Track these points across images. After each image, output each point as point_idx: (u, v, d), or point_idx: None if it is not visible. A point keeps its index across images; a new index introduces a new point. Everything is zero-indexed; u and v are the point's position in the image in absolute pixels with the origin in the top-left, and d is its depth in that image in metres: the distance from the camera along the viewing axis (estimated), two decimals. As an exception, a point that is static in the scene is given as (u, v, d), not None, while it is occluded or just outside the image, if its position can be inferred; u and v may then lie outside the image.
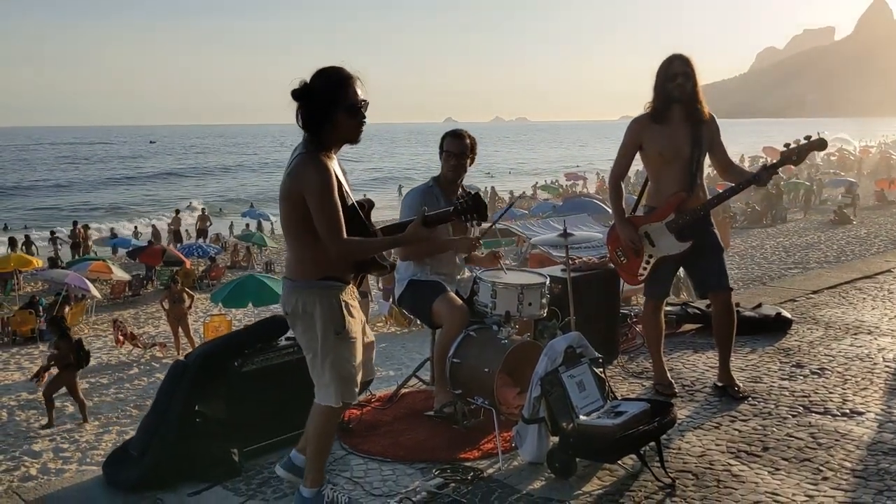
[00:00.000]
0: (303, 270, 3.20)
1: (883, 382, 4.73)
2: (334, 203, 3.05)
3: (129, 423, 10.07)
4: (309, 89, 3.06)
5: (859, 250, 20.20)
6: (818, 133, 4.31)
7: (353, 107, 3.09)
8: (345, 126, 3.12)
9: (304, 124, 3.10)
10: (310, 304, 3.17)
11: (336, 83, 3.08)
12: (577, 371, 3.73)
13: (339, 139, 3.17)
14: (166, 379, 3.91)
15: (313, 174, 3.03)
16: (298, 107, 3.08)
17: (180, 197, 53.86)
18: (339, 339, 3.18)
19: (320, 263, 3.16)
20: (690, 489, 3.44)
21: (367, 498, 3.50)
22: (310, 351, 3.24)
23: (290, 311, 3.25)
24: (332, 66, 3.12)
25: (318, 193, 3.02)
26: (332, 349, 3.18)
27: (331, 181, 3.04)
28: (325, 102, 3.06)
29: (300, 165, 3.08)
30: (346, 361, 3.21)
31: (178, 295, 15.75)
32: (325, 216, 3.03)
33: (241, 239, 30.24)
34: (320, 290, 3.18)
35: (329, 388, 3.22)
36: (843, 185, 35.13)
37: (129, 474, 3.67)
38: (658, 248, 4.54)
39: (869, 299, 6.97)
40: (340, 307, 3.19)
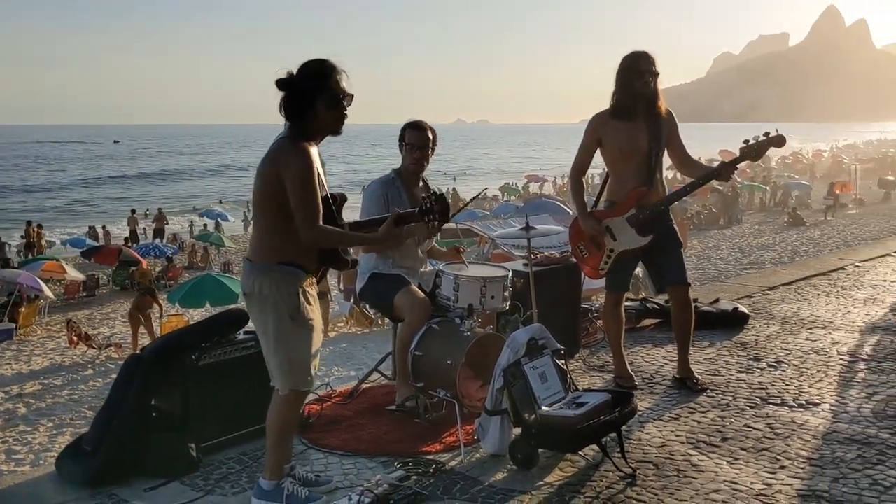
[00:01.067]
0: (265, 253, 3.18)
1: (837, 375, 4.81)
2: (314, 189, 3.05)
3: (83, 425, 9.86)
4: (292, 79, 3.09)
5: (813, 251, 20.61)
6: (776, 130, 4.37)
7: (334, 97, 3.12)
8: (325, 116, 3.14)
9: (286, 113, 3.11)
10: (266, 287, 3.15)
11: (318, 73, 3.11)
12: (540, 362, 3.73)
13: (320, 130, 3.18)
14: (121, 373, 3.82)
15: (294, 158, 3.03)
16: (283, 96, 3.10)
17: (138, 197, 52.97)
18: (294, 324, 3.16)
19: (283, 248, 3.14)
20: (651, 479, 3.46)
21: (325, 492, 3.45)
22: (263, 334, 3.23)
23: (247, 292, 3.23)
24: (317, 59, 3.16)
25: (298, 177, 3.02)
26: (285, 334, 3.17)
27: (311, 167, 3.05)
28: (307, 92, 3.09)
29: (281, 149, 3.08)
30: (299, 348, 3.19)
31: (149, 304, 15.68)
32: (304, 201, 3.03)
33: (199, 239, 29.87)
34: (279, 275, 3.15)
35: (280, 374, 3.20)
36: (792, 188, 35.84)
37: (82, 469, 3.57)
38: (619, 243, 4.57)
39: (823, 295, 7.10)
40: (297, 293, 3.17)
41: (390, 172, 4.63)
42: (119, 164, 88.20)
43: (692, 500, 3.25)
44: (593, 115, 4.62)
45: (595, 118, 4.59)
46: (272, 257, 3.17)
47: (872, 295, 7.04)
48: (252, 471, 3.66)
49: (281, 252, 3.15)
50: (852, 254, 10.05)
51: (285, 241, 3.13)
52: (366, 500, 3.18)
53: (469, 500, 3.32)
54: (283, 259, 3.16)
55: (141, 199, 49.80)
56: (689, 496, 3.28)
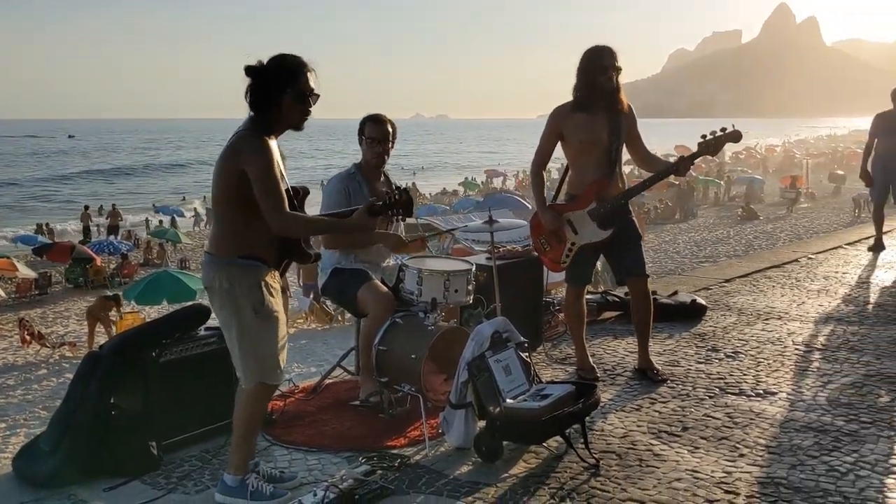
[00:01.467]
0: (225, 247, 3.17)
1: (793, 364, 4.92)
2: (275, 177, 3.04)
3: (38, 425, 9.63)
4: (263, 69, 3.08)
5: (766, 244, 20.97)
6: (732, 125, 4.44)
7: (303, 94, 3.12)
8: (290, 111, 3.13)
9: (251, 102, 3.09)
10: (227, 281, 3.13)
11: (291, 67, 3.10)
12: (504, 355, 3.75)
13: (283, 124, 3.17)
14: (79, 370, 3.74)
15: (256, 150, 3.02)
16: (249, 84, 3.08)
17: (93, 193, 51.84)
18: (258, 317, 3.15)
19: (243, 242, 3.13)
20: (614, 469, 3.50)
21: (289, 489, 3.43)
22: (226, 328, 3.21)
23: (208, 286, 3.21)
24: (290, 53, 3.15)
25: (260, 168, 3.01)
26: (249, 328, 3.15)
27: (272, 157, 3.04)
28: (276, 84, 3.07)
29: (241, 142, 3.06)
30: (265, 341, 3.18)
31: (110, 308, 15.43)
32: (269, 190, 3.02)
33: (155, 235, 29.39)
34: (240, 268, 3.14)
35: (246, 368, 3.19)
36: (746, 182, 36.44)
37: (40, 469, 3.49)
38: (580, 236, 4.60)
39: (778, 287, 7.24)
40: (260, 285, 3.15)
41: (351, 167, 4.60)
42: (73, 160, 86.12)
43: (655, 488, 3.29)
44: (554, 108, 4.65)
45: (556, 111, 4.61)
46: (232, 251, 3.15)
47: (825, 286, 7.20)
48: (214, 468, 3.62)
49: (241, 246, 3.14)
50: (805, 246, 10.27)
51: (245, 235, 3.12)
52: (331, 495, 3.16)
53: (434, 494, 3.33)
54: (243, 253, 3.14)
55: (96, 196, 48.66)
56: (651, 485, 3.32)
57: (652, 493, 3.26)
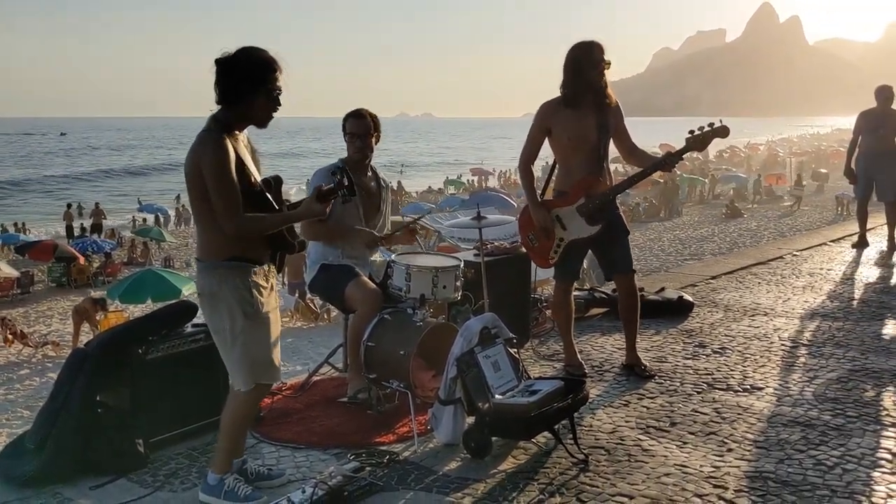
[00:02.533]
0: (209, 251, 3.13)
1: (780, 360, 4.94)
2: (228, 181, 2.96)
3: (20, 425, 9.55)
4: (235, 62, 3.01)
5: (751, 241, 21.09)
6: (720, 121, 4.44)
7: (273, 92, 3.06)
8: (259, 108, 3.07)
9: (221, 95, 3.03)
10: (216, 286, 3.10)
11: (263, 64, 3.04)
12: (493, 351, 3.74)
13: (247, 119, 3.12)
14: (65, 368, 3.70)
15: (209, 152, 2.96)
16: (218, 78, 3.01)
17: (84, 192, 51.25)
18: (248, 321, 3.11)
19: (226, 244, 3.07)
20: (603, 464, 3.50)
21: (277, 487, 3.41)
22: (217, 333, 3.17)
23: (199, 293, 3.19)
24: (260, 48, 3.08)
25: (211, 171, 2.95)
26: (241, 332, 3.11)
27: (225, 159, 2.96)
28: (248, 80, 3.01)
29: (198, 144, 3.01)
30: (259, 343, 3.15)
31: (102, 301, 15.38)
32: (219, 194, 2.96)
33: (139, 234, 29.20)
34: (226, 271, 3.09)
35: (240, 372, 3.15)
36: (734, 181, 36.64)
37: (25, 468, 3.44)
38: (569, 232, 4.60)
39: (764, 283, 7.28)
40: (249, 287, 3.11)
41: (337, 161, 4.59)
42: (64, 159, 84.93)
43: (643, 483, 3.30)
44: (542, 104, 4.64)
45: (544, 107, 4.60)
46: (217, 254, 3.11)
47: (810, 282, 7.25)
48: (202, 466, 3.59)
49: (224, 248, 3.08)
50: (790, 243, 10.33)
51: (226, 237, 3.05)
52: (319, 491, 3.14)
53: (423, 490, 3.32)
54: (228, 255, 3.09)
55: (82, 195, 48.06)
56: (640, 480, 3.33)
57: (641, 487, 3.26)
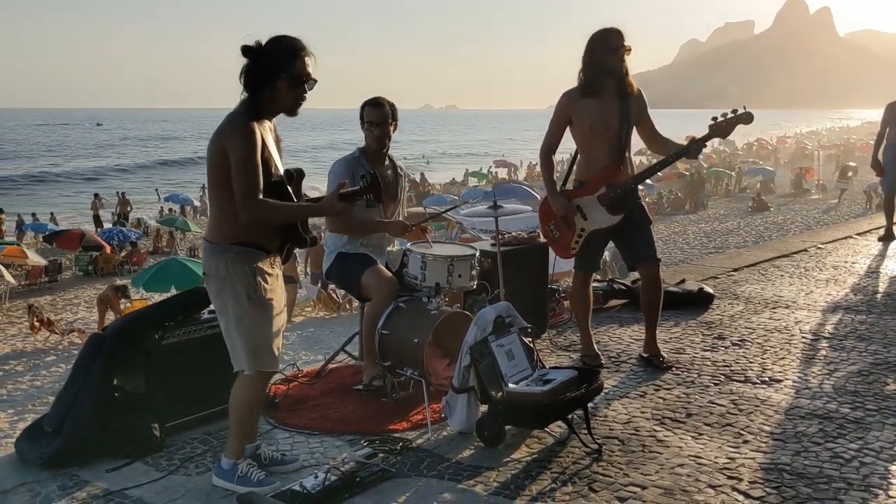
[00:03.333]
0: (220, 233, 3.15)
1: (800, 352, 4.88)
2: (253, 165, 2.98)
3: (45, 411, 9.66)
4: (260, 49, 3.03)
5: (776, 235, 20.87)
6: (744, 107, 4.38)
7: (298, 78, 3.06)
8: (284, 95, 3.08)
9: (245, 82, 3.04)
10: (223, 268, 3.12)
11: (287, 50, 3.05)
12: (507, 340, 3.73)
13: (275, 107, 3.12)
14: (83, 352, 3.75)
15: (238, 133, 2.98)
16: (245, 65, 3.03)
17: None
18: (252, 305, 3.12)
19: (238, 228, 3.08)
20: (617, 454, 3.48)
21: (291, 472, 3.43)
22: (221, 314, 3.20)
23: (205, 272, 3.21)
24: (289, 35, 3.09)
25: (237, 156, 2.97)
26: (244, 315, 3.13)
27: (252, 142, 2.98)
28: (272, 65, 3.02)
29: (227, 124, 3.03)
30: (260, 328, 3.15)
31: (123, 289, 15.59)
32: (242, 176, 2.97)
33: (164, 223, 29.44)
34: (235, 255, 3.11)
35: (240, 355, 3.17)
36: (760, 174, 36.24)
37: (43, 450, 3.50)
38: (590, 222, 4.57)
39: (787, 276, 7.20)
40: (254, 273, 3.12)
41: (355, 151, 4.58)
42: (96, 149, 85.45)
43: (657, 474, 3.28)
44: (563, 93, 4.60)
45: (565, 96, 4.56)
46: (227, 237, 3.12)
47: (834, 276, 7.15)
48: (217, 451, 3.61)
49: (236, 232, 3.10)
50: (815, 236, 10.21)
51: (239, 221, 3.05)
52: (332, 477, 3.16)
53: (436, 477, 3.32)
54: (238, 239, 3.11)
55: (114, 185, 48.27)
56: (654, 471, 3.31)
57: (654, 478, 3.24)
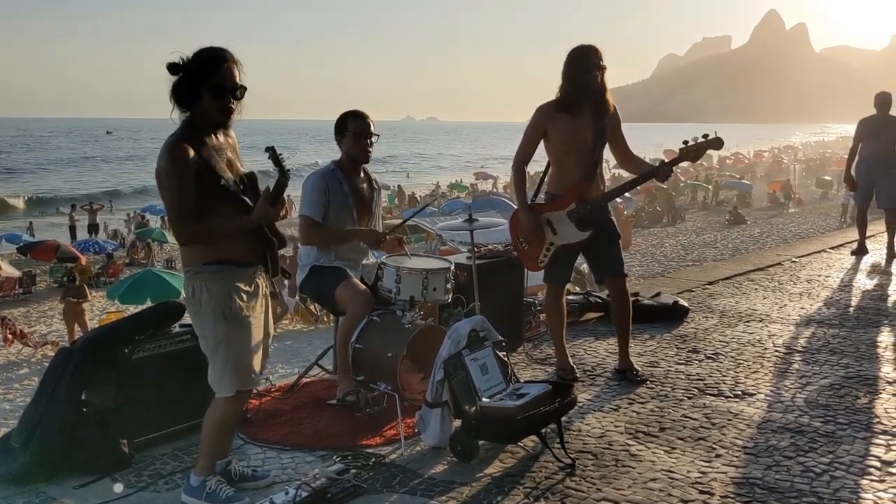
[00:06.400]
0: (189, 256, 3.13)
1: (773, 366, 4.91)
2: (178, 188, 2.94)
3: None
4: (183, 65, 2.99)
5: (753, 248, 21.03)
6: (714, 132, 4.42)
7: (219, 87, 3.00)
8: (209, 106, 3.03)
9: (175, 99, 3.01)
10: (197, 289, 3.09)
11: (207, 61, 3.01)
12: (481, 354, 3.72)
13: (208, 122, 3.07)
14: (51, 366, 3.70)
15: (160, 160, 2.96)
16: (173, 82, 3.00)
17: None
18: (229, 324, 3.09)
19: (206, 247, 3.06)
20: (590, 469, 3.48)
21: (262, 488, 3.40)
22: (202, 338, 3.16)
23: (184, 299, 3.20)
24: (211, 46, 3.05)
25: (162, 179, 2.96)
26: (223, 335, 3.09)
27: (173, 167, 2.93)
28: (194, 79, 2.99)
29: (160, 150, 3.00)
30: (239, 348, 3.11)
31: (78, 291, 15.27)
32: (167, 200, 2.97)
33: (141, 235, 29.17)
34: (207, 275, 3.08)
35: (223, 377, 3.12)
36: (738, 187, 36.55)
37: (9, 466, 3.44)
38: (559, 236, 4.59)
39: (761, 290, 7.25)
40: (228, 291, 3.09)
41: (330, 164, 4.56)
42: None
43: (630, 488, 3.27)
44: (539, 107, 4.61)
45: (541, 110, 4.58)
46: (197, 259, 3.10)
47: (808, 289, 7.21)
48: (187, 466, 3.57)
49: (204, 252, 3.08)
50: (789, 250, 10.30)
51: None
52: (303, 493, 3.14)
53: (408, 493, 3.30)
54: (210, 258, 3.08)
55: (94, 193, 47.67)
56: (626, 485, 3.30)
57: (627, 493, 3.24)
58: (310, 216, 4.39)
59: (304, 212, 4.40)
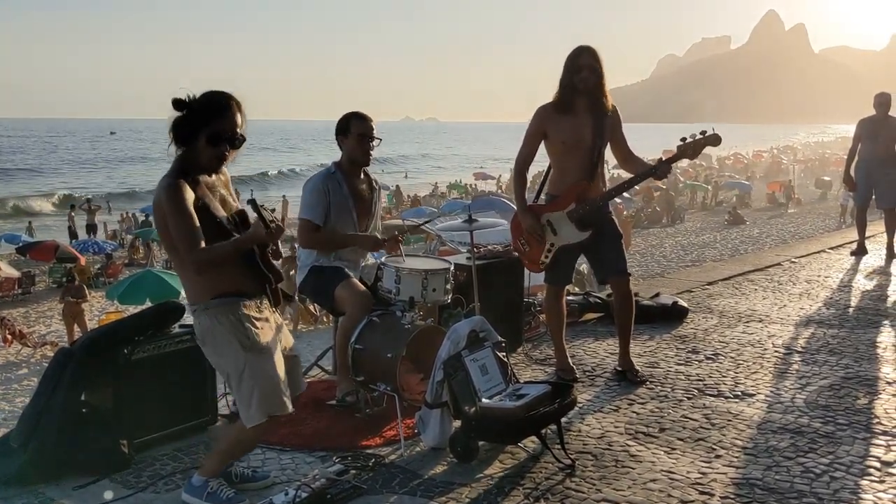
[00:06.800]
0: (195, 293, 3.12)
1: (772, 366, 4.91)
2: (184, 219, 2.93)
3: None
4: (183, 102, 2.98)
5: (752, 248, 21.04)
6: (712, 129, 4.42)
7: (216, 135, 3.00)
8: (203, 152, 3.03)
9: (174, 136, 3.02)
10: (208, 325, 3.08)
11: (210, 106, 3.00)
12: (481, 354, 3.72)
13: (195, 164, 3.05)
14: (50, 367, 3.69)
15: (163, 198, 2.95)
16: (175, 118, 3.00)
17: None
18: (248, 353, 3.07)
19: (207, 283, 3.05)
20: (590, 469, 3.48)
21: (262, 489, 3.40)
22: (224, 373, 3.16)
23: (198, 340, 3.17)
24: (219, 91, 3.05)
25: (167, 214, 2.94)
26: (244, 365, 3.06)
27: (180, 199, 2.93)
28: (195, 122, 2.99)
29: (157, 190, 3.00)
30: (264, 375, 3.08)
31: (77, 291, 15.25)
32: (176, 230, 2.95)
33: (140, 235, 29.12)
34: (215, 309, 3.08)
35: (251, 407, 3.07)
36: (737, 188, 36.55)
37: (8, 467, 3.42)
38: (559, 237, 4.58)
39: (760, 290, 7.25)
40: (241, 321, 3.07)
41: (330, 166, 4.55)
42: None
43: (629, 489, 3.27)
44: (538, 108, 4.63)
45: (540, 111, 4.59)
46: (202, 295, 3.09)
47: (807, 290, 7.21)
48: (186, 467, 3.57)
49: (209, 288, 3.07)
50: (789, 250, 10.31)
51: (207, 277, 3.03)
52: (303, 494, 3.13)
53: (408, 494, 3.30)
54: (214, 293, 3.07)
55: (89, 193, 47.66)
56: (626, 486, 3.30)
57: (626, 493, 3.24)
58: (310, 220, 4.38)
59: (304, 215, 4.40)
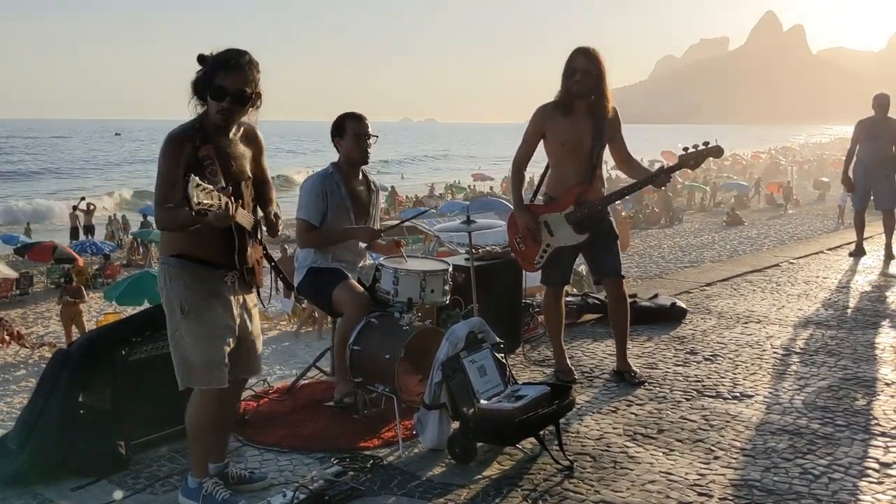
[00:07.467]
0: (162, 246, 3.19)
1: (771, 367, 4.91)
2: (161, 174, 2.95)
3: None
4: (207, 58, 2.99)
5: (750, 250, 21.04)
6: (715, 140, 4.40)
7: (219, 89, 2.97)
8: (210, 107, 3.02)
9: (193, 91, 3.02)
10: (162, 280, 3.12)
11: (219, 60, 2.98)
12: (479, 356, 3.72)
13: (208, 121, 3.05)
14: (47, 368, 3.69)
15: (161, 148, 2.98)
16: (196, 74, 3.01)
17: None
18: (184, 318, 3.08)
19: (171, 240, 3.10)
20: (588, 471, 3.47)
21: (259, 490, 3.39)
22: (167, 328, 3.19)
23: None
24: (234, 48, 3.02)
25: (158, 164, 2.97)
26: (175, 327, 3.11)
27: (170, 156, 2.94)
28: (205, 77, 2.99)
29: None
30: (190, 343, 3.09)
31: (75, 292, 15.23)
32: (156, 184, 2.97)
33: (139, 236, 29.08)
34: (171, 267, 3.10)
35: (177, 371, 3.15)
36: (735, 189, 36.58)
37: (6, 468, 3.42)
38: (556, 238, 4.58)
39: (758, 291, 7.25)
40: (189, 285, 3.07)
41: (328, 166, 4.55)
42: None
43: (628, 490, 3.27)
44: (539, 107, 4.61)
45: (540, 111, 4.58)
46: (165, 250, 3.14)
47: (805, 290, 7.21)
48: (184, 468, 3.55)
49: (171, 244, 3.11)
50: (787, 251, 10.31)
51: (175, 234, 3.06)
52: (301, 495, 3.13)
53: (406, 495, 3.30)
54: (175, 251, 3.10)
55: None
56: (625, 487, 3.30)
57: (625, 495, 3.24)
58: (307, 220, 4.38)
59: (301, 215, 4.41)
